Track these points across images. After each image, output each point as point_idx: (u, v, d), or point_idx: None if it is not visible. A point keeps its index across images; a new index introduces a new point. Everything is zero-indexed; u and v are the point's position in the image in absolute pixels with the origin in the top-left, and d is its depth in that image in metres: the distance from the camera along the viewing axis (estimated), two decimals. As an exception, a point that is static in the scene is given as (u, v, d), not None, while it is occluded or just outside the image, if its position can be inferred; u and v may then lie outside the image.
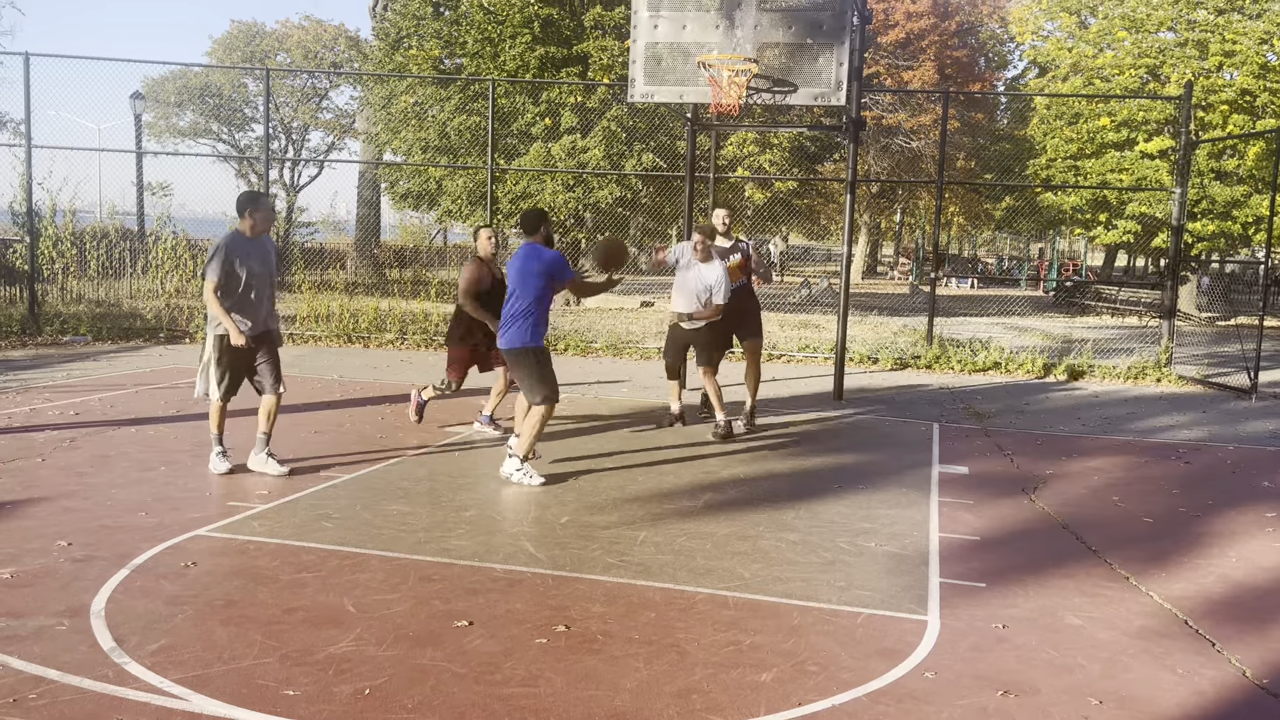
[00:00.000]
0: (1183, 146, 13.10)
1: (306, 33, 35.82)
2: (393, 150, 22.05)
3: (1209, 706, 3.67)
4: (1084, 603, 4.70)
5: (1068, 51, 24.46)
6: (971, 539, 5.66)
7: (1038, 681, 3.81)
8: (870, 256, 48.10)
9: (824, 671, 3.83)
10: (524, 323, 6.42)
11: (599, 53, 19.90)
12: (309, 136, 37.32)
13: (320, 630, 4.03)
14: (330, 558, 4.91)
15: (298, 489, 6.15)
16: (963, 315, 21.95)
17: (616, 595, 4.55)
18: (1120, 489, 6.99)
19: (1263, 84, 21.27)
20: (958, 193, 35.18)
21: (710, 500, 6.28)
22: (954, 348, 13.57)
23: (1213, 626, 4.44)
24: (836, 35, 8.96)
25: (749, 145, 22.12)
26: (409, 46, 21.06)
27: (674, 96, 9.41)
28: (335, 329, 13.95)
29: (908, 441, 8.39)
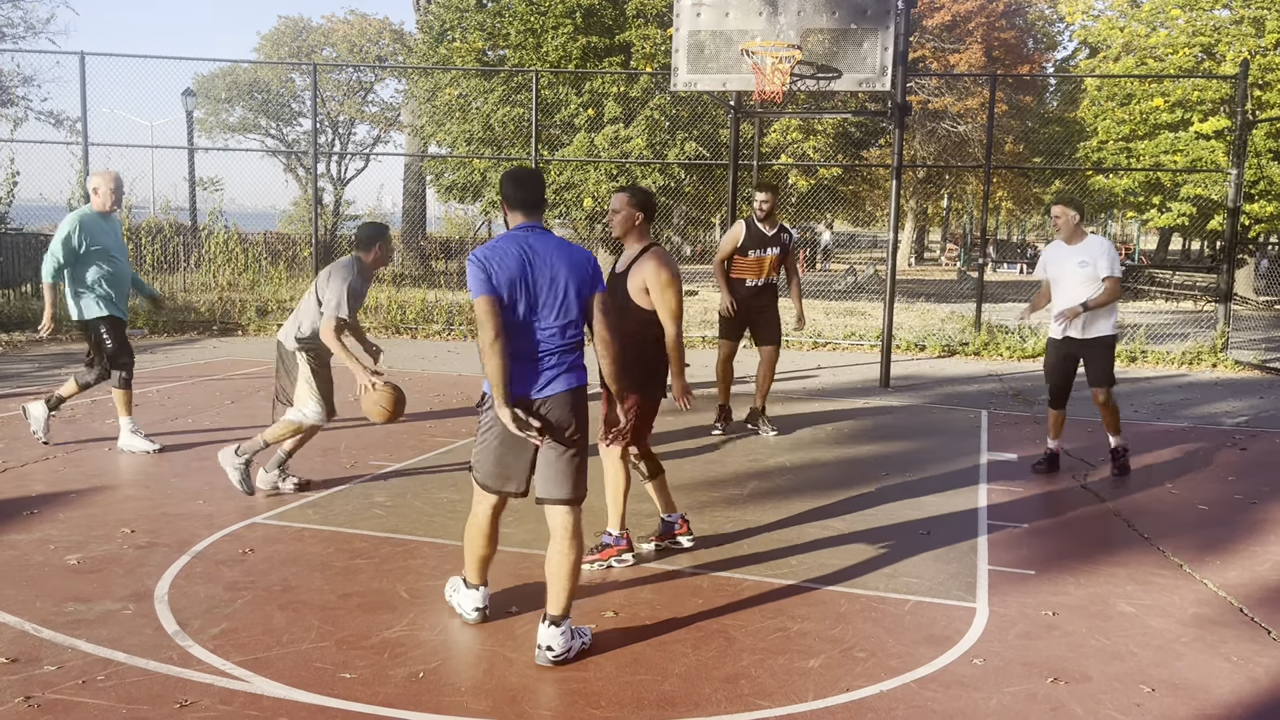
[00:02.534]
0: (1239, 126, 12.82)
1: (352, 27, 36.18)
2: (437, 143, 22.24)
3: (1264, 694, 3.63)
4: (1136, 590, 4.65)
5: (1119, 31, 23.99)
6: (1021, 526, 5.62)
7: (1088, 669, 3.79)
8: (917, 242, 47.63)
9: (872, 658, 3.84)
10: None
11: (641, 42, 19.89)
12: (355, 130, 37.72)
13: (375, 615, 4.11)
14: (383, 544, 5.00)
15: (350, 477, 6.26)
16: (1012, 301, 21.66)
17: (664, 582, 4.60)
18: (1174, 476, 6.89)
19: (1322, 61, 20.71)
20: (1006, 177, 34.70)
21: (756, 488, 6.30)
22: (1003, 334, 13.42)
23: (1269, 614, 4.38)
24: (881, 20, 8.90)
25: (793, 132, 22.00)
26: (453, 39, 21.21)
27: (717, 85, 9.41)
28: (383, 320, 14.13)
29: (955, 429, 8.33)
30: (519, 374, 3.70)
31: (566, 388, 3.76)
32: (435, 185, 23.27)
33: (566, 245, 3.81)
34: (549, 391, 3.74)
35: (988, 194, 14.21)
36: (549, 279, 3.70)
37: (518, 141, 20.03)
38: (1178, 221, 22.56)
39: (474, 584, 4.08)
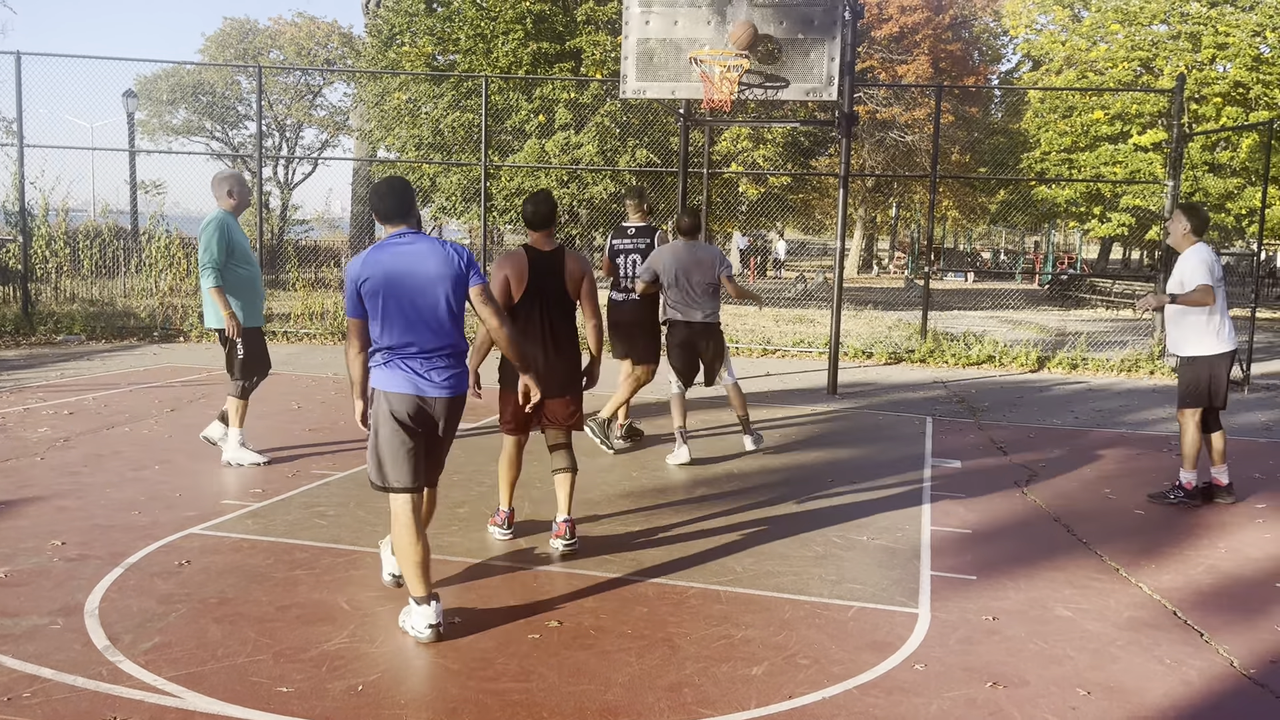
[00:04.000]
0: (1175, 139, 13.14)
1: (299, 29, 35.75)
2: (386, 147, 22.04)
3: (1196, 697, 3.70)
4: (1074, 594, 4.72)
5: (1061, 45, 24.52)
6: (963, 532, 5.69)
7: (1026, 673, 3.84)
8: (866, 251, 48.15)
9: (815, 664, 3.85)
10: None
11: (592, 48, 19.90)
12: (303, 134, 37.27)
13: (314, 627, 4.04)
14: (324, 555, 4.92)
15: (291, 487, 6.16)
16: (957, 309, 22.00)
17: (609, 590, 4.58)
18: (1112, 481, 7.02)
19: (1256, 76, 21.34)
20: (952, 186, 35.20)
21: (704, 495, 6.30)
22: (948, 342, 13.60)
23: (1201, 617, 4.47)
24: (828, 30, 8.98)
25: (743, 140, 22.13)
26: (402, 43, 21.05)
27: (666, 92, 9.43)
28: (330, 327, 13.95)
29: (901, 435, 8.41)
30: (401, 374, 3.96)
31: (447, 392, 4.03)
32: (384, 190, 23.05)
33: (438, 246, 4.02)
34: (434, 393, 3.99)
35: (934, 203, 14.40)
36: (420, 283, 3.93)
37: (468, 147, 19.92)
38: (1117, 231, 23.07)
39: (421, 598, 3.94)
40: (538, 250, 5.02)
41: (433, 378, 3.99)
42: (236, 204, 6.59)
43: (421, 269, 3.95)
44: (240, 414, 6.71)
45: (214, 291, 6.41)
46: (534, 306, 4.99)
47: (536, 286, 4.98)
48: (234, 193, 6.57)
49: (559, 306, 5.02)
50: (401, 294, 3.92)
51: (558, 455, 5.16)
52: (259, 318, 6.80)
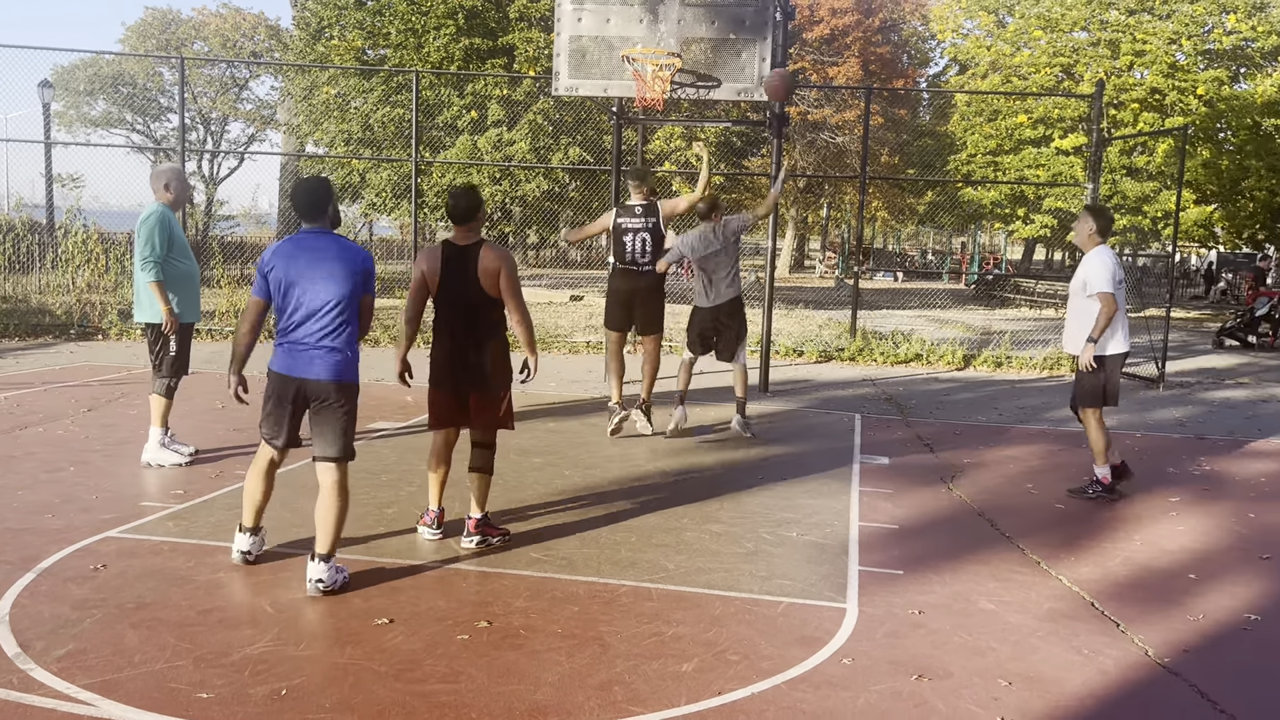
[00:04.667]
0: (1095, 143, 13.49)
1: (225, 21, 34.96)
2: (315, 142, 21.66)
3: (1113, 685, 3.80)
4: (997, 587, 4.83)
5: (986, 50, 25.04)
6: (890, 528, 5.77)
7: (950, 665, 3.91)
8: (798, 250, 48.69)
9: (744, 660, 3.88)
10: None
11: (524, 45, 19.79)
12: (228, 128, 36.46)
13: (236, 631, 3.95)
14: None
15: (215, 488, 6.02)
16: (886, 308, 22.33)
17: (540, 590, 4.55)
18: (1034, 477, 7.19)
19: (1171, 83, 22.03)
20: (881, 187, 35.77)
21: (635, 493, 6.31)
22: (877, 340, 13.81)
23: (1117, 608, 4.60)
24: (759, 31, 9.04)
25: (676, 140, 22.20)
26: (331, 37, 20.71)
27: (598, 90, 9.41)
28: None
29: (830, 433, 8.51)
30: (285, 355, 4.47)
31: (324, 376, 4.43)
32: (312, 186, 22.66)
33: (344, 247, 4.50)
34: (310, 375, 4.44)
35: (863, 204, 14.62)
36: (317, 279, 4.39)
37: (398, 143, 19.66)
38: (1040, 232, 23.63)
39: (247, 528, 4.66)
40: (454, 245, 4.99)
41: (314, 362, 4.43)
42: (174, 199, 6.49)
43: (322, 267, 4.39)
44: (163, 413, 6.54)
45: (154, 286, 6.29)
46: (448, 302, 4.97)
47: (450, 281, 4.94)
48: (171, 187, 6.46)
49: (475, 302, 4.94)
50: (299, 286, 4.40)
51: (474, 453, 5.14)
52: (196, 314, 6.69)
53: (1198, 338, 18.96)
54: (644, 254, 7.98)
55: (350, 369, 4.51)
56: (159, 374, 6.51)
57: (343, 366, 4.47)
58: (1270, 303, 17.43)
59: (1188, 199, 22.85)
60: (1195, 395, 11.47)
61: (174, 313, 6.36)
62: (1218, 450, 8.39)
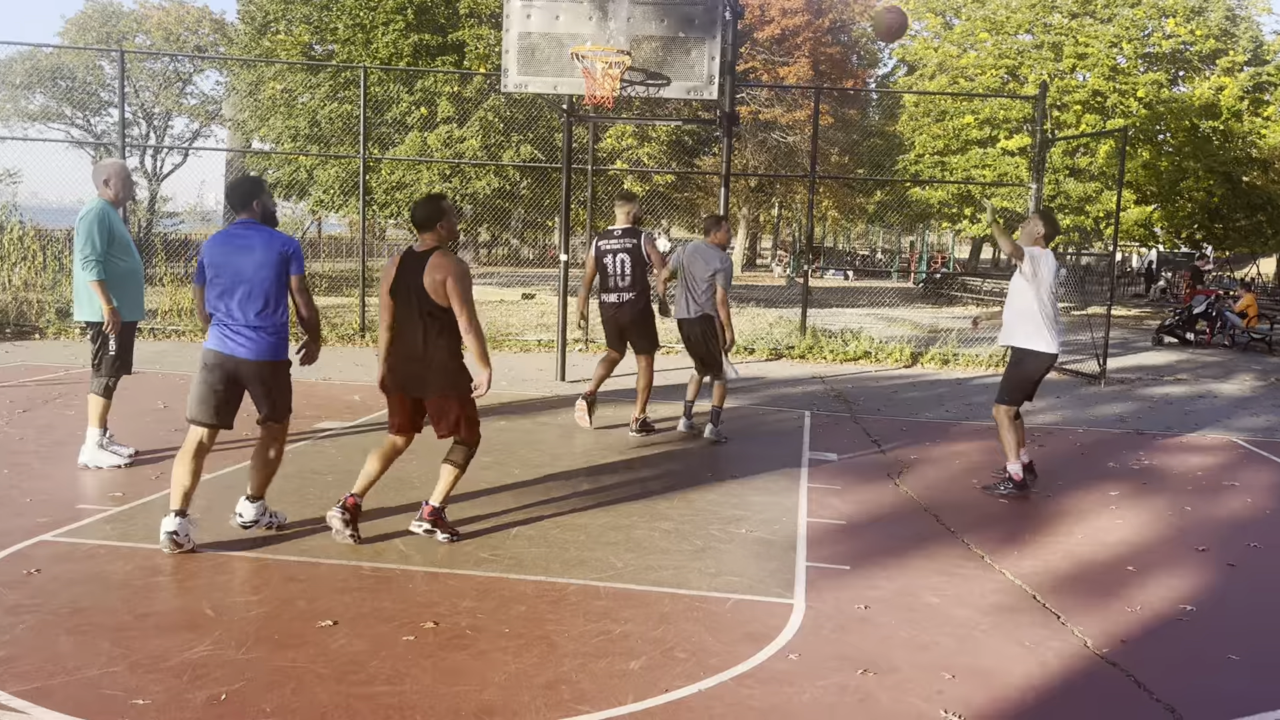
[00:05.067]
0: (1038, 144, 13.72)
1: (168, 14, 34.30)
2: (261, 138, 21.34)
3: (1053, 677, 3.86)
4: (942, 582, 4.88)
5: (934, 51, 25.35)
6: (838, 524, 5.82)
7: (896, 659, 3.94)
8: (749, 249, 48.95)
9: (692, 657, 3.88)
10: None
11: (475, 41, 19.66)
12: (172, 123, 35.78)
13: (175, 636, 3.87)
14: (187, 560, 4.72)
15: (154, 490, 5.90)
16: (836, 306, 22.52)
17: (487, 590, 4.52)
18: (979, 472, 7.29)
19: (1112, 85, 22.47)
20: (831, 187, 36.05)
21: (585, 491, 6.29)
22: (826, 338, 13.92)
23: (1059, 600, 4.68)
24: (708, 30, 9.06)
25: (627, 138, 22.20)
26: (277, 31, 20.40)
27: (548, 87, 9.38)
28: (200, 323, 13.42)
29: (780, 430, 8.56)
30: (218, 335, 4.89)
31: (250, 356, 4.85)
32: (259, 183, 22.30)
33: (268, 238, 4.89)
34: (239, 354, 4.85)
35: (812, 203, 14.72)
36: (241, 266, 4.82)
37: (346, 139, 19.44)
38: (987, 232, 23.96)
39: (173, 510, 4.80)
40: (412, 252, 4.98)
41: (240, 341, 4.85)
42: (115, 195, 6.32)
43: (245, 256, 4.84)
44: (102, 414, 6.40)
45: (95, 284, 6.11)
46: (403, 305, 4.94)
47: (403, 286, 4.92)
48: (112, 183, 6.30)
49: (422, 309, 4.88)
50: (226, 273, 4.85)
51: (452, 446, 5.17)
52: (139, 312, 6.55)
53: (1138, 335, 19.36)
54: (624, 276, 7.95)
55: (276, 348, 4.95)
56: (98, 373, 6.37)
57: (269, 346, 4.91)
58: (1207, 301, 17.86)
59: (1128, 199, 23.33)
60: (1135, 391, 11.71)
61: (116, 311, 6.22)
62: (1156, 445, 8.57)
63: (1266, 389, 12.28)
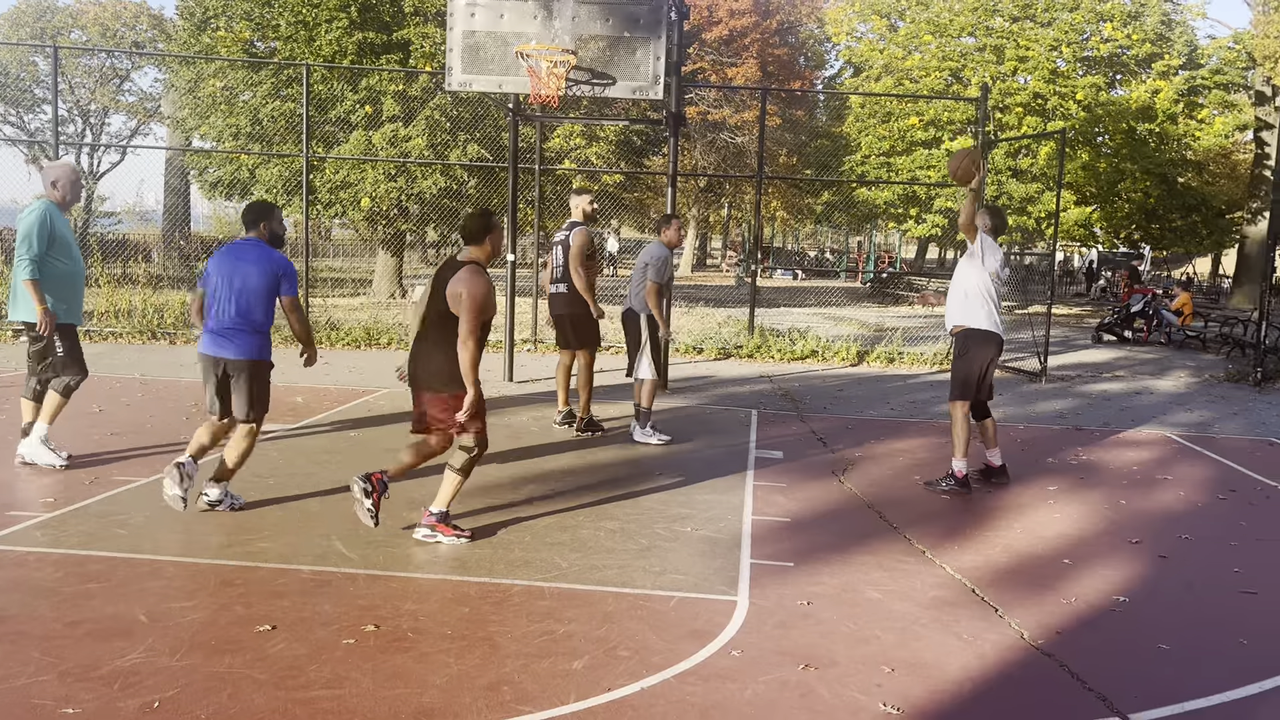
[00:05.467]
0: (981, 145, 13.92)
1: (104, 9, 33.50)
2: (201, 136, 20.95)
3: (990, 669, 3.92)
4: (883, 577, 4.94)
5: (879, 53, 25.62)
6: (783, 520, 5.86)
7: (837, 654, 3.98)
8: (699, 249, 49.12)
9: (635, 656, 3.88)
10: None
11: (420, 40, 19.47)
12: (109, 120, 35.00)
13: (107, 643, 3.79)
14: (121, 566, 4.62)
15: (88, 495, 5.76)
16: (784, 306, 22.67)
17: (430, 592, 4.48)
18: (922, 469, 7.38)
19: (1052, 88, 22.87)
20: (780, 187, 36.31)
21: (532, 492, 6.26)
22: (774, 337, 14.01)
23: (997, 594, 4.75)
24: (653, 30, 9.08)
25: (575, 137, 22.14)
26: (217, 28, 20.04)
27: (493, 86, 9.33)
28: (138, 325, 13.16)
29: (727, 429, 8.60)
30: (209, 339, 5.45)
31: (235, 355, 5.42)
32: (200, 181, 21.89)
33: (265, 257, 5.45)
34: (225, 355, 5.42)
35: (759, 203, 14.82)
36: (235, 277, 5.40)
37: (289, 138, 19.15)
38: (932, 232, 24.29)
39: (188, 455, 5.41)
40: (453, 259, 5.23)
41: (225, 344, 5.41)
42: (61, 197, 6.27)
43: (243, 270, 5.41)
44: (54, 412, 6.34)
45: (28, 284, 6.03)
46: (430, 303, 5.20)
47: (436, 286, 5.18)
48: (59, 184, 6.26)
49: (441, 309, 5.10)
50: (224, 284, 5.42)
51: (453, 454, 5.26)
52: (78, 315, 6.44)
53: (1078, 333, 19.75)
54: (558, 267, 8.03)
55: (260, 349, 5.49)
56: (57, 373, 6.29)
57: (254, 346, 5.46)
58: (1144, 299, 18.26)
59: (1068, 200, 23.77)
60: (1074, 388, 11.94)
61: (50, 312, 6.09)
62: (1094, 441, 8.75)
63: (1200, 385, 12.59)
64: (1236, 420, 10.06)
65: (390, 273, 22.34)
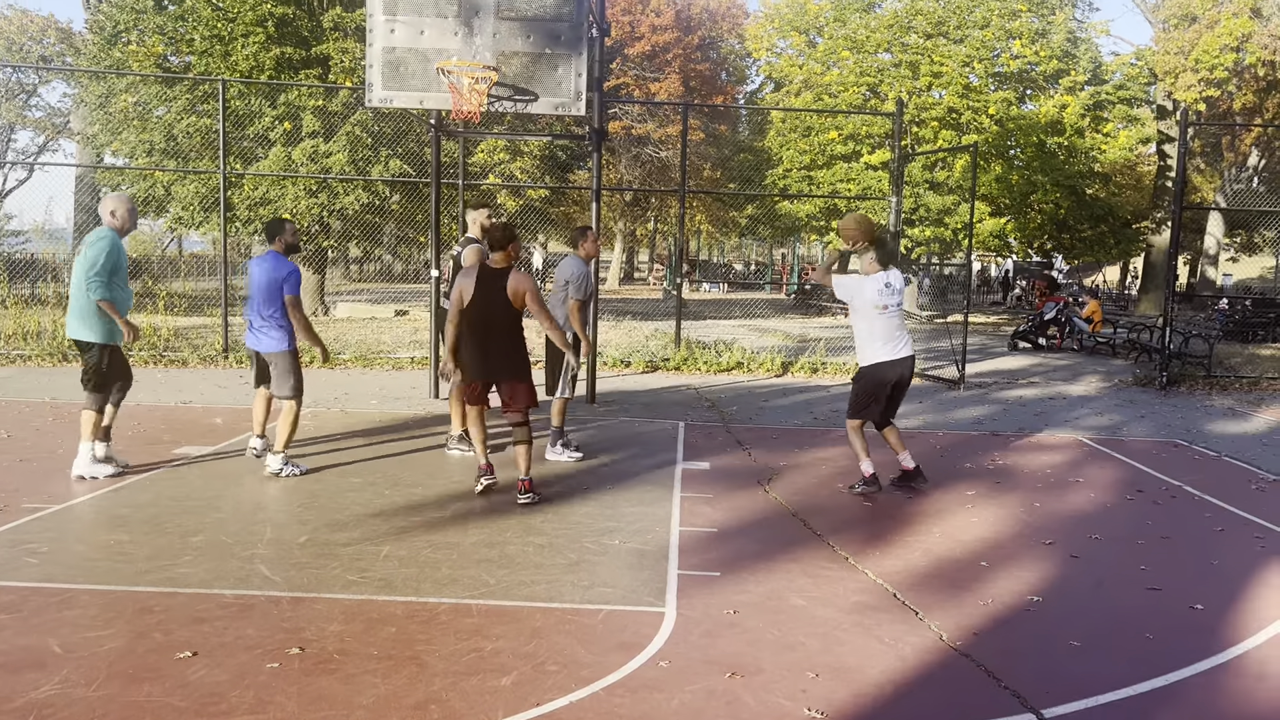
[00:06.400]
0: (898, 159, 14.26)
1: (10, 23, 32.54)
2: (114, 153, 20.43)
3: (910, 670, 4.02)
4: (808, 584, 5.03)
5: (799, 68, 26.06)
6: (710, 531, 5.92)
7: (763, 661, 4.05)
8: (626, 263, 49.31)
9: (564, 670, 3.90)
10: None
11: (340, 55, 19.29)
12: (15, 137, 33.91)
13: (19, 675, 3.68)
14: (33, 596, 4.49)
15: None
16: (711, 318, 22.89)
17: (356, 613, 4.44)
18: (845, 476, 7.52)
19: (966, 103, 23.50)
20: (704, 201, 36.64)
21: (458, 510, 6.24)
22: (701, 350, 14.14)
23: (917, 597, 4.88)
24: (574, 46, 9.13)
25: (499, 153, 22.11)
26: (128, 42, 19.59)
27: (414, 102, 9.28)
28: (47, 347, 12.76)
29: (654, 441, 8.66)
30: (249, 333, 7.03)
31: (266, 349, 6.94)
32: (112, 199, 21.33)
33: (272, 264, 6.87)
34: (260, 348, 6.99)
35: (683, 217, 14.95)
36: (254, 283, 6.89)
37: (206, 154, 18.79)
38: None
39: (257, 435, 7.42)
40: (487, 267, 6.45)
41: (259, 339, 6.94)
42: (120, 225, 6.75)
43: (257, 279, 6.86)
44: (95, 427, 6.77)
45: (104, 303, 6.56)
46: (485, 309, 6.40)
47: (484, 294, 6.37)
48: (116, 214, 6.75)
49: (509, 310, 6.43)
50: (251, 287, 6.94)
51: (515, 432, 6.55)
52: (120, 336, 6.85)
53: (995, 341, 20.28)
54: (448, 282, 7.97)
55: (280, 341, 6.88)
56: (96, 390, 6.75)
57: (274, 339, 6.88)
58: (1056, 308, 18.85)
59: (983, 211, 24.43)
60: (991, 395, 12.27)
61: (130, 323, 6.68)
62: (1010, 445, 9.00)
63: (1110, 390, 13.04)
64: (1144, 423, 10.44)
65: (313, 289, 22.01)
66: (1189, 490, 7.39)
